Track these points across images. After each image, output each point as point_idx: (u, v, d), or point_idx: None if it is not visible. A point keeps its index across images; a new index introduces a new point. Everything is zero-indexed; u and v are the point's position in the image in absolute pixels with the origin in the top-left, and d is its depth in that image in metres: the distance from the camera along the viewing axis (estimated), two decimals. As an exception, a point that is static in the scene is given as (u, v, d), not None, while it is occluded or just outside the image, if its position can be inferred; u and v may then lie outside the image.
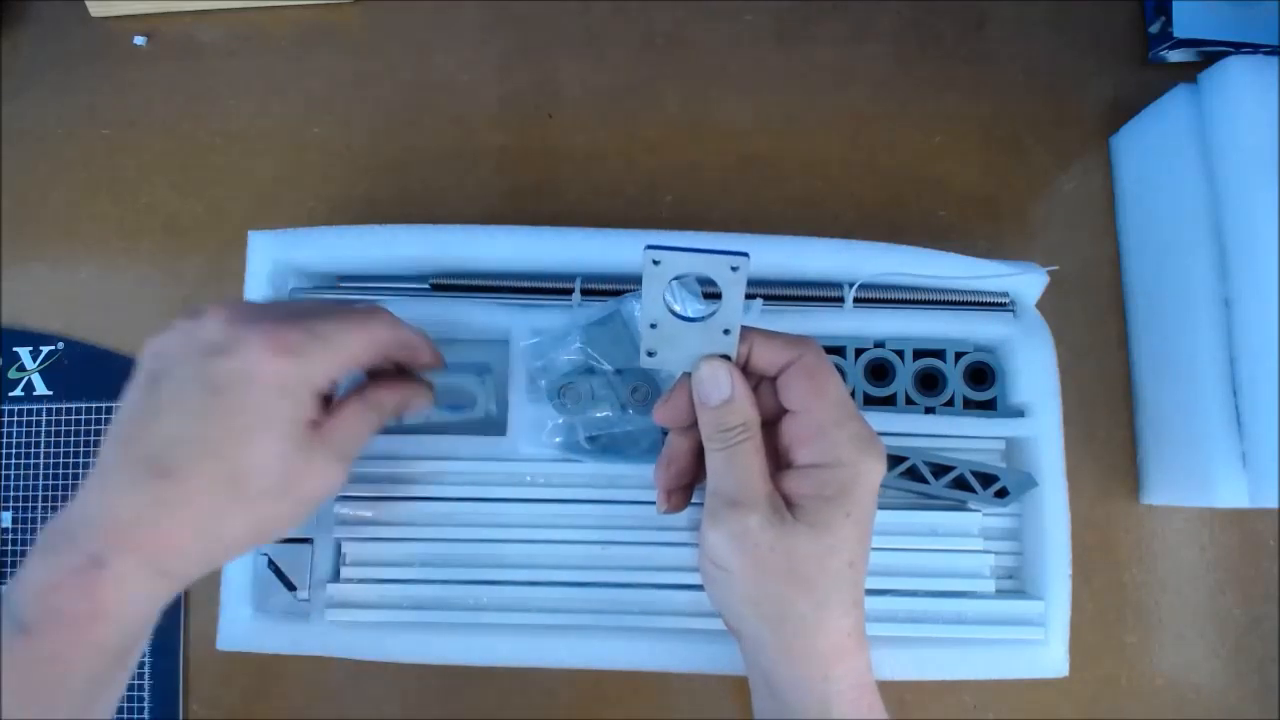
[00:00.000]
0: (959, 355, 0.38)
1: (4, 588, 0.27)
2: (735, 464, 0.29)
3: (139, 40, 0.47)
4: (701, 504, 0.30)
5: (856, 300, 0.38)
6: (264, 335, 0.27)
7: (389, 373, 0.33)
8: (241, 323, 0.28)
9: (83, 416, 0.44)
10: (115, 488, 0.27)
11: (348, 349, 0.29)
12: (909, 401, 0.38)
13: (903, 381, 0.38)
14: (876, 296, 0.38)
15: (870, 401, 0.38)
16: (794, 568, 0.28)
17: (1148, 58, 0.46)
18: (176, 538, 0.27)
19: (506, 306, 0.37)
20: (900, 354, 0.38)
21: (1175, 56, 0.46)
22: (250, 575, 0.36)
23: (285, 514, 0.29)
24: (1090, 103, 0.46)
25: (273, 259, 0.38)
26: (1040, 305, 0.39)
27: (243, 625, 0.36)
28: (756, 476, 0.29)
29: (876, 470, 0.29)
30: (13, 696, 0.25)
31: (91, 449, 0.44)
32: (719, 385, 0.29)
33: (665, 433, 0.36)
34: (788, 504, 0.29)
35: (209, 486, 0.27)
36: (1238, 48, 0.44)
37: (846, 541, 0.28)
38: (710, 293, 0.33)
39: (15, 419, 0.44)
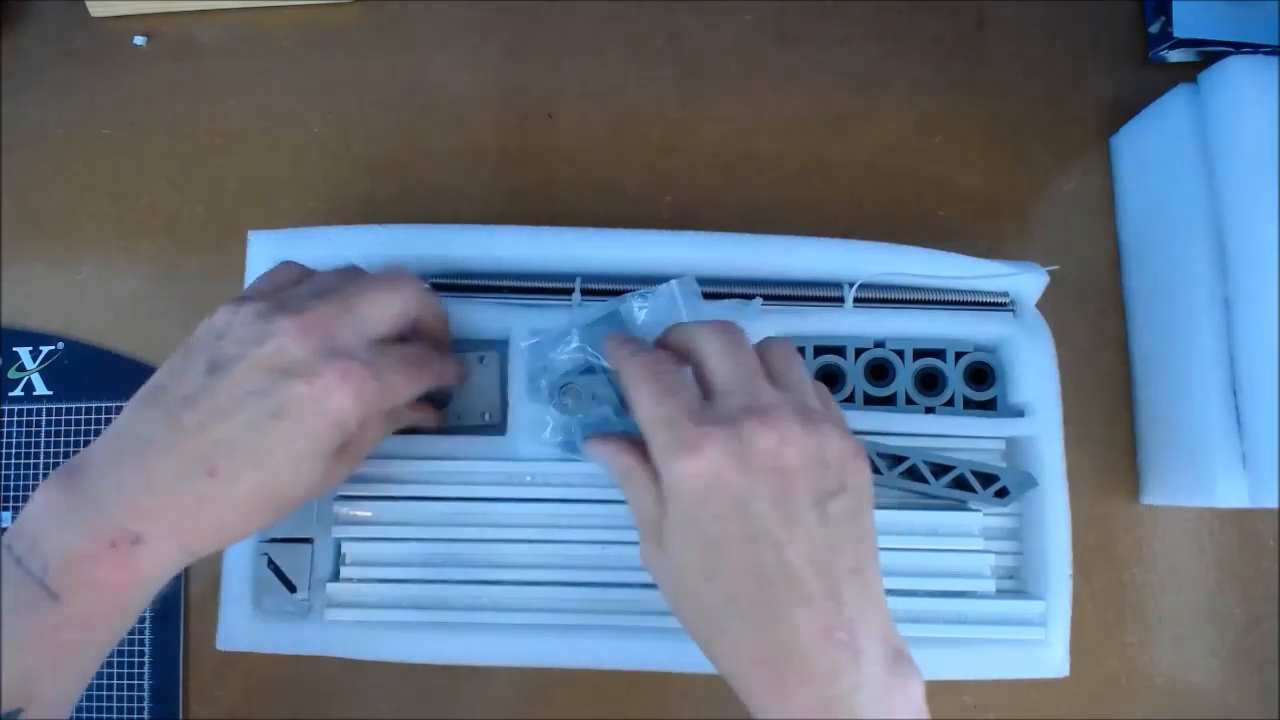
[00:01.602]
0: (959, 355, 0.38)
1: (15, 540, 0.28)
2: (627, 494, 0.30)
3: (139, 40, 0.47)
4: None
5: (856, 300, 0.38)
6: (342, 374, 0.28)
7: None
8: (317, 348, 0.29)
9: (83, 416, 0.44)
10: (163, 474, 0.28)
11: (401, 398, 0.31)
12: (909, 401, 0.38)
13: (903, 381, 0.38)
14: (876, 296, 0.38)
15: (870, 401, 0.38)
16: (663, 593, 0.29)
17: (1148, 58, 0.46)
18: (212, 528, 0.29)
19: (506, 306, 0.37)
20: (900, 354, 0.38)
21: (1175, 56, 0.46)
22: (250, 575, 0.36)
23: (298, 504, 0.31)
24: (1090, 103, 0.46)
25: (273, 259, 0.38)
26: (1040, 305, 0.39)
27: (243, 625, 0.36)
28: (637, 505, 0.30)
29: (685, 475, 0.27)
30: (40, 654, 0.27)
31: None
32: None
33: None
34: None
35: (253, 494, 0.29)
36: (1238, 48, 0.44)
37: (681, 559, 0.28)
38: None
39: (15, 419, 0.44)
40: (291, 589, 0.36)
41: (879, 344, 0.38)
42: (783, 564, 0.26)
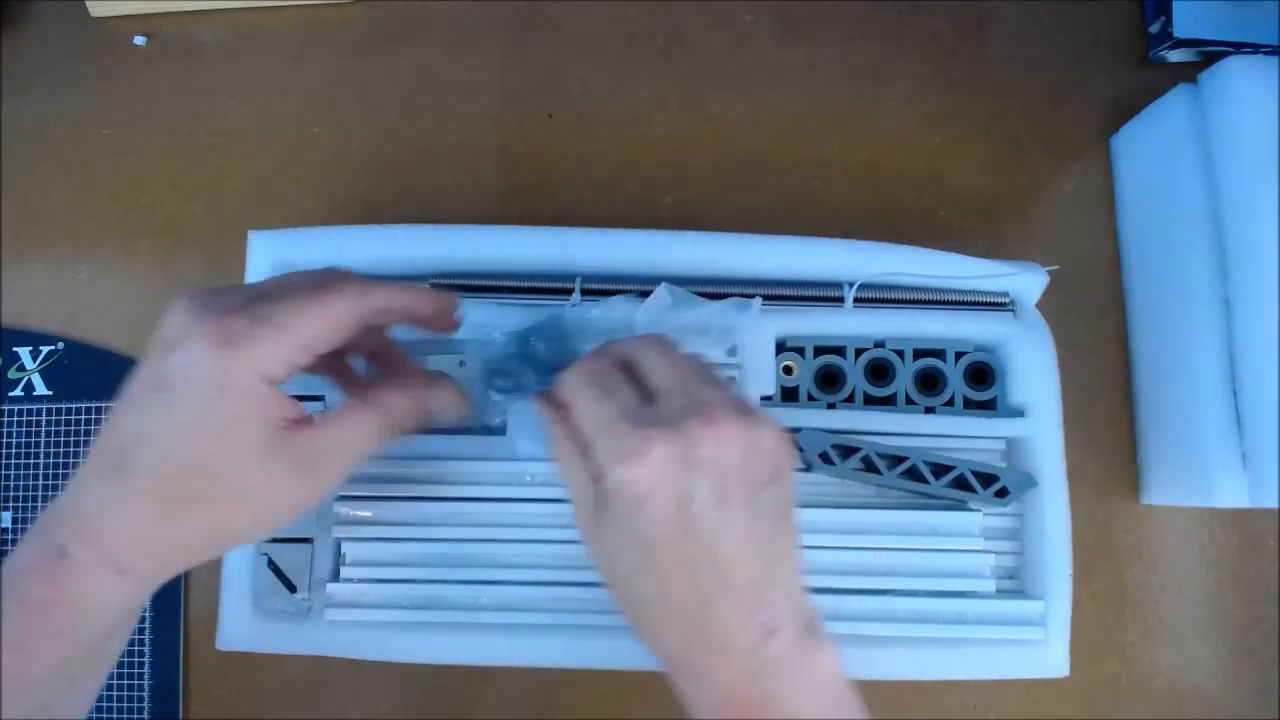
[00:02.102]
0: (959, 355, 0.38)
1: None
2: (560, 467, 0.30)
3: (139, 40, 0.47)
4: None
5: (856, 300, 0.38)
6: (208, 326, 0.26)
7: (405, 368, 0.33)
8: (194, 313, 0.26)
9: (83, 416, 0.44)
10: (81, 480, 0.27)
11: (301, 331, 0.27)
12: (909, 401, 0.38)
13: (903, 381, 0.38)
14: (876, 296, 0.38)
15: (870, 401, 0.38)
16: (599, 572, 0.29)
17: (1148, 58, 0.46)
18: (126, 534, 0.26)
19: (507, 306, 0.37)
20: (900, 354, 0.38)
21: (1175, 56, 0.46)
22: (250, 575, 0.36)
23: (246, 521, 0.28)
24: (1090, 103, 0.46)
25: (273, 259, 0.38)
26: (1040, 305, 0.39)
27: (243, 625, 0.36)
28: (575, 495, 0.29)
29: (629, 480, 0.26)
30: None
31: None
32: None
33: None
34: None
35: (154, 485, 0.26)
36: (1238, 48, 0.44)
37: (618, 554, 0.28)
38: None
39: (15, 419, 0.44)
40: (291, 589, 0.36)
41: (879, 344, 0.38)
42: (715, 560, 0.27)
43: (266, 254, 0.38)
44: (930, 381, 0.39)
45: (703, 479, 0.26)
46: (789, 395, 0.38)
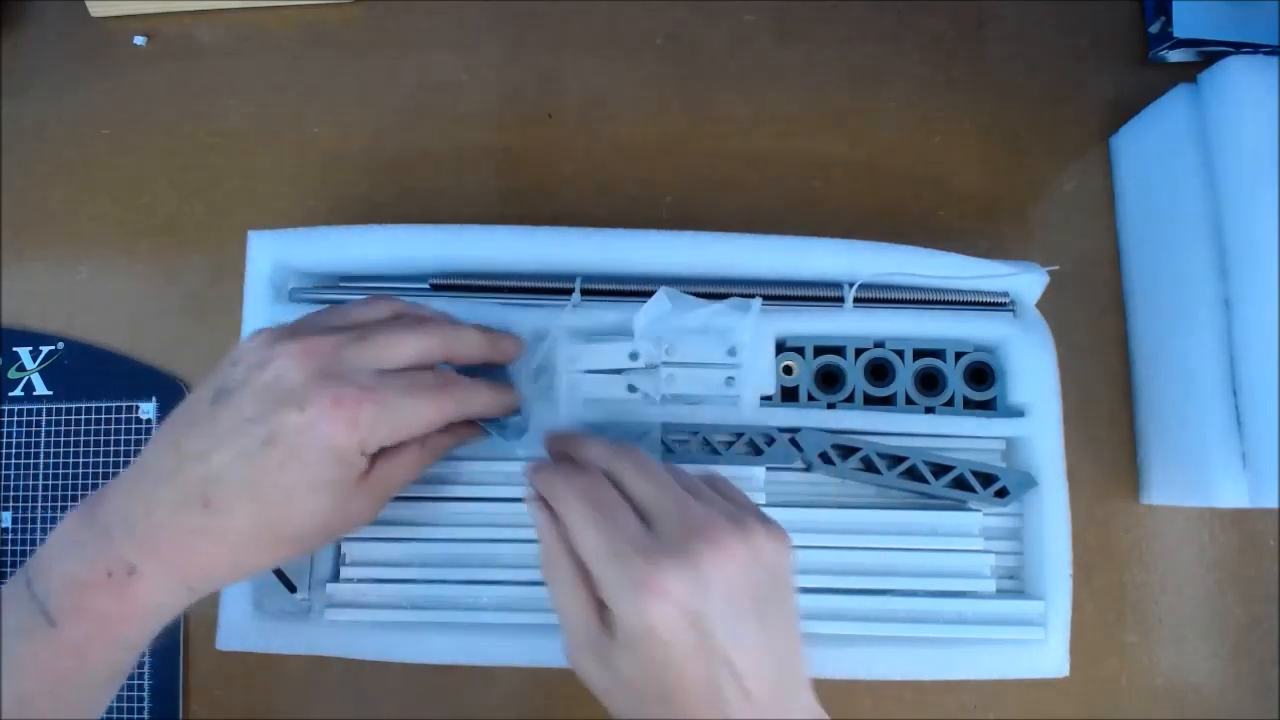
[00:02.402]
0: (959, 355, 0.38)
1: (27, 567, 0.28)
2: (554, 595, 0.29)
3: (139, 40, 0.47)
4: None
5: (856, 300, 0.38)
6: (334, 400, 0.27)
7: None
8: (315, 373, 0.28)
9: (83, 416, 0.44)
10: (161, 504, 0.28)
11: (413, 428, 0.29)
12: (909, 401, 0.38)
13: (903, 381, 0.38)
14: (876, 296, 0.38)
15: (870, 401, 0.38)
16: (602, 698, 0.29)
17: (1148, 58, 0.46)
18: (208, 563, 0.28)
19: (506, 306, 0.37)
20: (900, 354, 0.38)
21: (1175, 56, 0.46)
22: (250, 575, 0.36)
23: (311, 548, 0.30)
24: (1090, 103, 0.46)
25: (273, 259, 0.38)
26: (1040, 305, 0.39)
27: (243, 625, 0.36)
28: (572, 620, 0.28)
29: (644, 612, 0.26)
30: (33, 681, 0.27)
31: (91, 449, 0.43)
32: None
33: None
34: None
35: (248, 528, 0.28)
36: (1238, 48, 0.44)
37: (633, 681, 0.27)
38: None
39: (15, 419, 0.44)
40: (291, 589, 0.36)
41: (879, 344, 0.38)
42: (734, 677, 0.26)
43: (266, 254, 0.38)
44: (930, 381, 0.39)
45: (713, 601, 0.26)
46: (789, 395, 0.38)
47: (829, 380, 0.38)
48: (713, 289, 0.37)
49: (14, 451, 0.44)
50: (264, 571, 0.30)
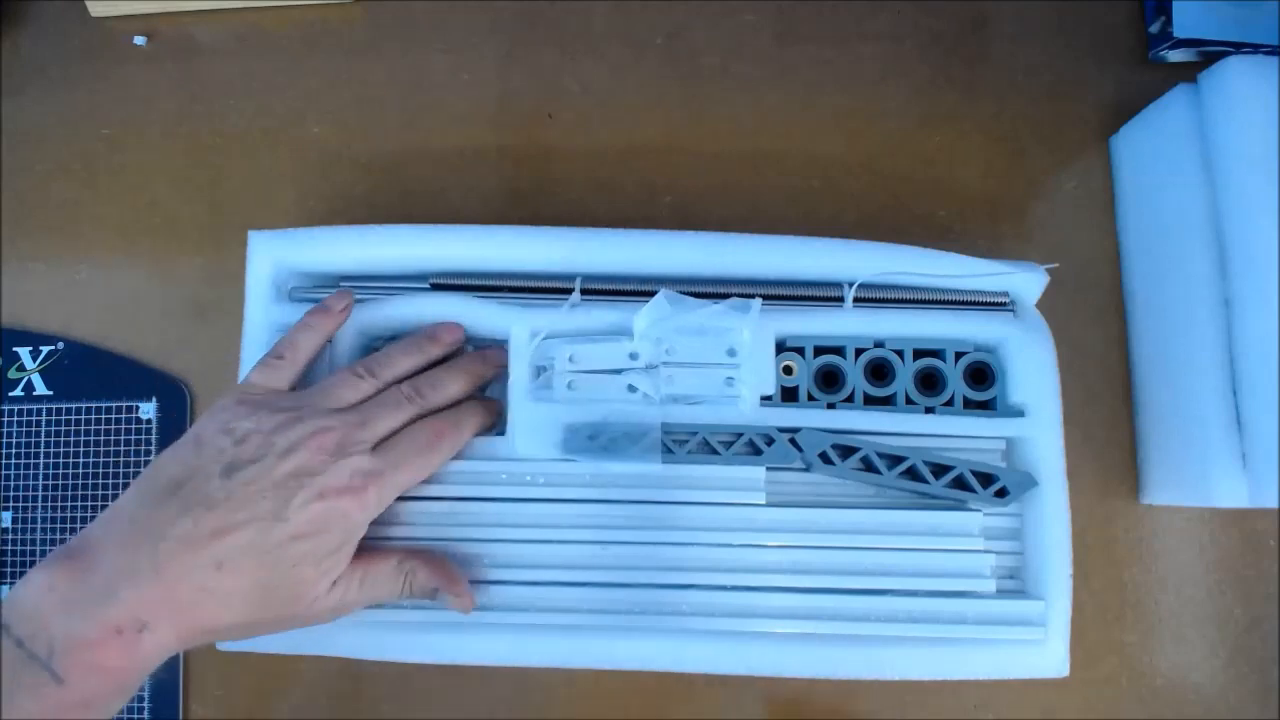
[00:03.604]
0: (959, 355, 0.38)
1: (13, 620, 0.28)
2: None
3: (139, 40, 0.47)
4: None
5: (856, 300, 0.38)
6: (351, 489, 0.31)
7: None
8: (329, 462, 0.31)
9: (83, 416, 0.44)
10: (173, 564, 0.29)
11: (413, 483, 0.34)
12: (909, 401, 0.38)
13: (903, 381, 0.38)
14: (876, 296, 0.38)
15: (870, 401, 0.38)
16: None
17: (1148, 58, 0.46)
18: (209, 620, 0.30)
19: (506, 306, 0.37)
20: (900, 354, 0.38)
21: (1175, 56, 0.46)
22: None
23: (289, 619, 0.32)
24: (1090, 103, 0.46)
25: (273, 259, 0.38)
26: (1040, 305, 0.39)
27: (243, 625, 0.36)
28: None
29: None
30: None
31: (91, 449, 0.43)
32: None
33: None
34: None
35: (250, 593, 0.30)
36: (1238, 48, 0.44)
37: None
38: None
39: (15, 419, 0.44)
40: (291, 589, 0.36)
41: (879, 344, 0.38)
42: None
43: (266, 254, 0.38)
44: (930, 381, 0.39)
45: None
46: (789, 395, 0.38)
47: (829, 380, 0.38)
48: (713, 289, 0.37)
49: (14, 451, 0.44)
50: (259, 636, 0.32)
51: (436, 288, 0.38)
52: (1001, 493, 0.36)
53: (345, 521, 0.31)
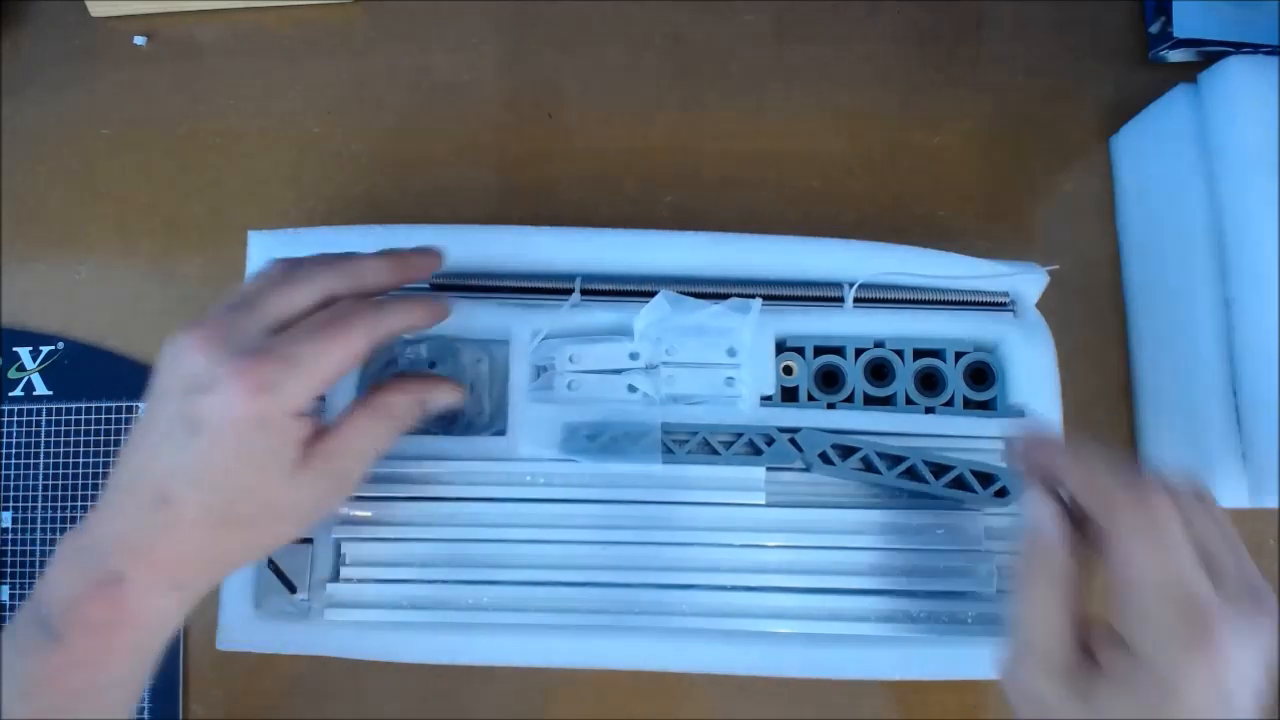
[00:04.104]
0: (959, 355, 0.38)
1: (29, 603, 0.29)
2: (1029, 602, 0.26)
3: (139, 40, 0.47)
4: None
5: (856, 300, 0.38)
6: (238, 374, 0.28)
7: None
8: (220, 358, 0.28)
9: (83, 416, 0.44)
10: (126, 512, 0.29)
11: (326, 370, 0.29)
12: (909, 401, 0.38)
13: (903, 381, 0.38)
14: (876, 296, 0.38)
15: (870, 401, 0.38)
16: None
17: (1148, 58, 0.46)
18: (181, 556, 0.29)
19: (506, 306, 0.37)
20: (900, 354, 0.38)
21: (1175, 56, 0.46)
22: (250, 575, 0.36)
23: (285, 531, 0.31)
24: (1090, 103, 0.46)
25: (273, 259, 0.38)
26: (1040, 305, 0.39)
27: (243, 625, 0.36)
28: (1053, 630, 0.26)
29: (1199, 678, 0.23)
30: (50, 698, 0.28)
31: (91, 449, 0.44)
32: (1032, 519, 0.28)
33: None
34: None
35: (203, 515, 0.28)
36: (1238, 48, 0.44)
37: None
38: None
39: (15, 419, 0.44)
40: (291, 589, 0.36)
41: (879, 344, 0.38)
42: None
43: (266, 254, 0.38)
44: (930, 381, 0.39)
45: (1249, 677, 0.24)
46: (789, 395, 0.38)
47: (829, 380, 0.38)
48: (713, 289, 0.38)
49: (14, 451, 0.44)
50: (244, 559, 0.31)
51: (436, 288, 0.38)
52: (1001, 493, 0.36)
53: (248, 412, 0.28)
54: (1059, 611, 0.26)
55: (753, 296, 0.37)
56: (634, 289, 0.37)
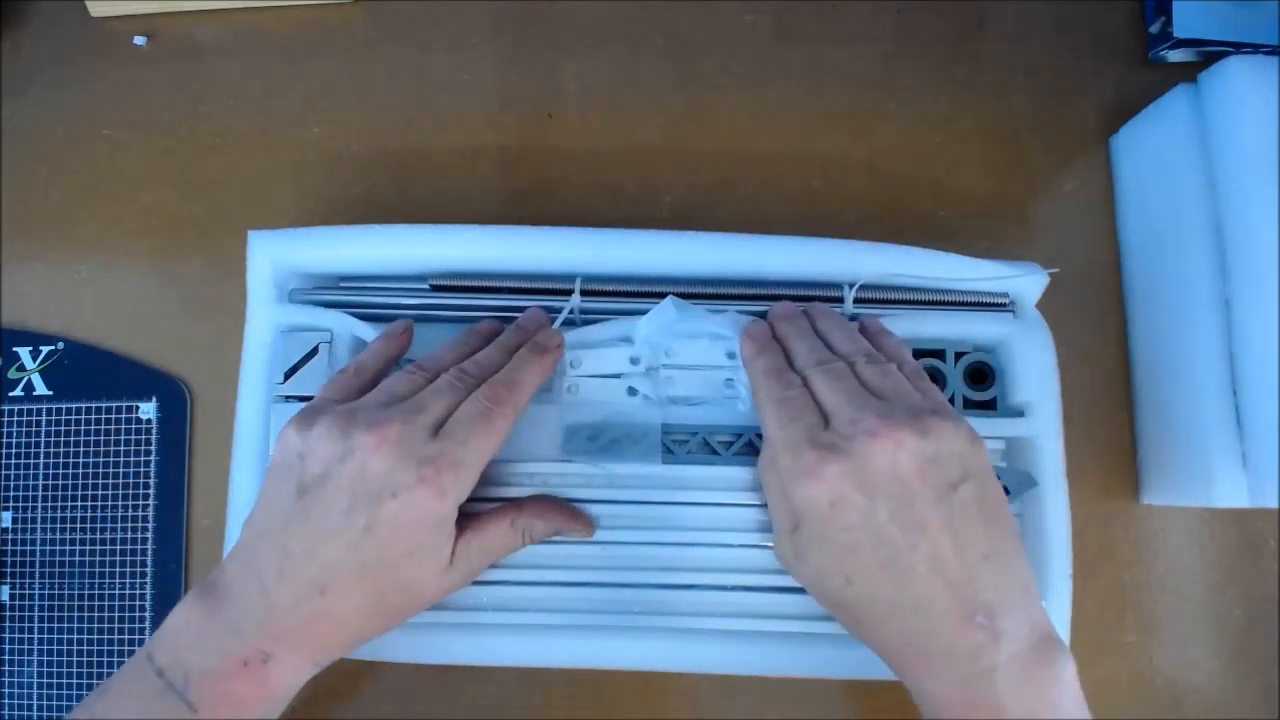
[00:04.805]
0: (959, 355, 0.38)
1: (148, 660, 0.30)
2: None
3: (139, 40, 0.47)
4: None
5: (856, 300, 0.38)
6: (423, 482, 0.30)
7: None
8: (394, 459, 0.30)
9: (83, 416, 0.44)
10: (282, 599, 0.30)
11: (483, 464, 0.32)
12: (909, 401, 0.38)
13: (903, 381, 0.38)
14: (876, 296, 0.38)
15: (870, 401, 0.38)
16: (805, 587, 0.33)
17: (1148, 58, 0.46)
18: (330, 641, 0.31)
19: (505, 306, 0.37)
20: (900, 354, 0.38)
21: (1175, 56, 0.46)
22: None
23: (416, 613, 0.33)
24: (1090, 103, 0.46)
25: (273, 259, 0.38)
26: (1040, 305, 0.39)
27: (243, 625, 0.36)
28: (774, 512, 0.33)
29: (808, 498, 0.30)
30: None
31: (91, 449, 0.43)
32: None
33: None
34: None
35: (363, 606, 0.31)
36: (1238, 48, 0.44)
37: (820, 566, 0.30)
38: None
39: (15, 419, 0.44)
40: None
41: (879, 344, 0.38)
42: (914, 563, 0.28)
43: (266, 254, 0.38)
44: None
45: (880, 493, 0.28)
46: (789, 395, 0.37)
47: (829, 380, 0.38)
48: (713, 289, 0.38)
49: (14, 451, 0.44)
50: (377, 635, 0.33)
51: (436, 288, 0.38)
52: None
53: (428, 514, 0.30)
54: (777, 496, 0.32)
55: (753, 298, 0.37)
56: (634, 289, 0.37)
